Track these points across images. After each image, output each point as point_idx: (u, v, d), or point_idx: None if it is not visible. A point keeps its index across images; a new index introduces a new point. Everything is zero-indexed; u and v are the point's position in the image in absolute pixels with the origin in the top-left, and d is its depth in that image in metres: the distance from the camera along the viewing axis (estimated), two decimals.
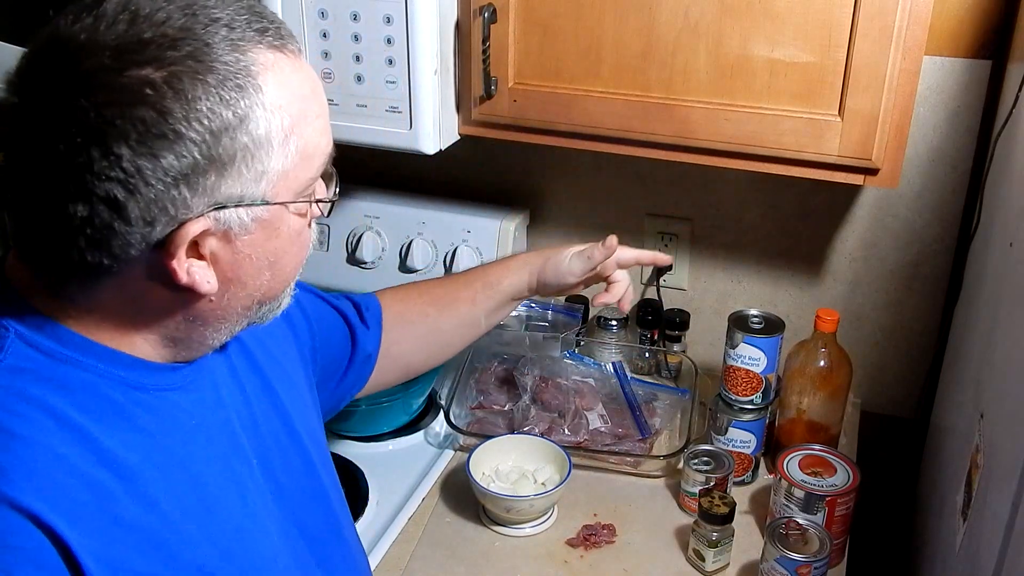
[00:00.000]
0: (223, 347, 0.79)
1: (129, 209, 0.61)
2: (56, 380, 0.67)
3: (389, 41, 1.20)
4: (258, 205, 0.67)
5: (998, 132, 1.23)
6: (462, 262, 1.58)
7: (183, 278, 0.66)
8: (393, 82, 1.22)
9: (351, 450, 1.40)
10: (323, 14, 1.21)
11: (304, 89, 0.68)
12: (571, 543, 1.24)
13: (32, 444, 0.63)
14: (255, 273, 0.70)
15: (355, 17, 1.19)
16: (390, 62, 1.21)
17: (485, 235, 1.58)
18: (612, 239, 1.15)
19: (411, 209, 1.62)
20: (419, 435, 1.46)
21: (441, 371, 1.46)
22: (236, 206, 0.65)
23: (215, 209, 0.64)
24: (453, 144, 1.30)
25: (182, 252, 0.65)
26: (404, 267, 1.62)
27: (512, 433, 1.36)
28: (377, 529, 1.25)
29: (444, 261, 1.60)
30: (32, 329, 0.67)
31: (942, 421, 1.40)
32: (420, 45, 1.19)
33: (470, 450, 1.30)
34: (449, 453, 1.42)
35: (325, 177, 0.74)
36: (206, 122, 0.62)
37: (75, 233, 0.62)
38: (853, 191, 1.45)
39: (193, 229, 0.64)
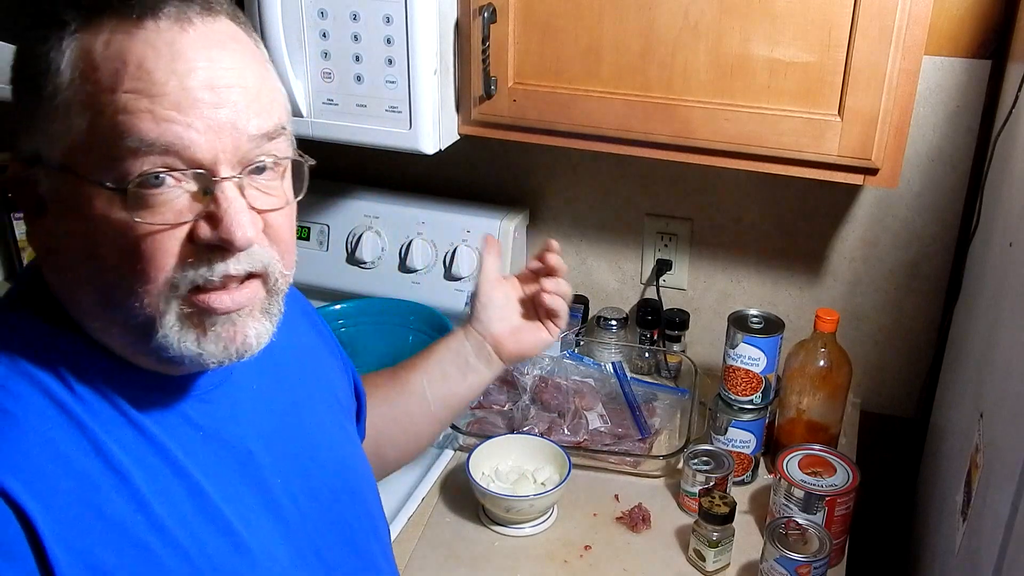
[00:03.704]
0: (250, 362, 0.72)
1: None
2: (62, 367, 0.66)
3: (389, 41, 1.20)
4: (52, 169, 0.64)
5: (998, 132, 1.23)
6: (462, 262, 1.58)
7: (25, 216, 0.67)
8: (393, 82, 1.22)
9: None
10: (323, 14, 1.21)
11: (129, 61, 0.61)
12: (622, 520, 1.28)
13: (20, 423, 0.63)
14: (73, 257, 0.66)
15: (355, 17, 1.19)
16: (390, 62, 1.21)
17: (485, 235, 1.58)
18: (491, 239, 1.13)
19: (411, 209, 1.62)
20: None
21: None
22: (37, 162, 0.65)
23: (27, 158, 0.65)
24: (453, 144, 1.30)
25: (9, 184, 0.66)
26: (404, 267, 1.62)
27: (512, 433, 1.36)
28: None
29: (444, 261, 1.60)
30: (46, 312, 0.68)
31: (942, 421, 1.40)
32: (420, 45, 1.19)
33: (470, 450, 1.30)
34: (449, 453, 1.41)
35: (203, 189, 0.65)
36: (26, 62, 0.64)
37: None
38: (853, 191, 1.45)
39: (13, 167, 0.66)
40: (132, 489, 0.66)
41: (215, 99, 0.63)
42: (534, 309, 1.11)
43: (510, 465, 1.32)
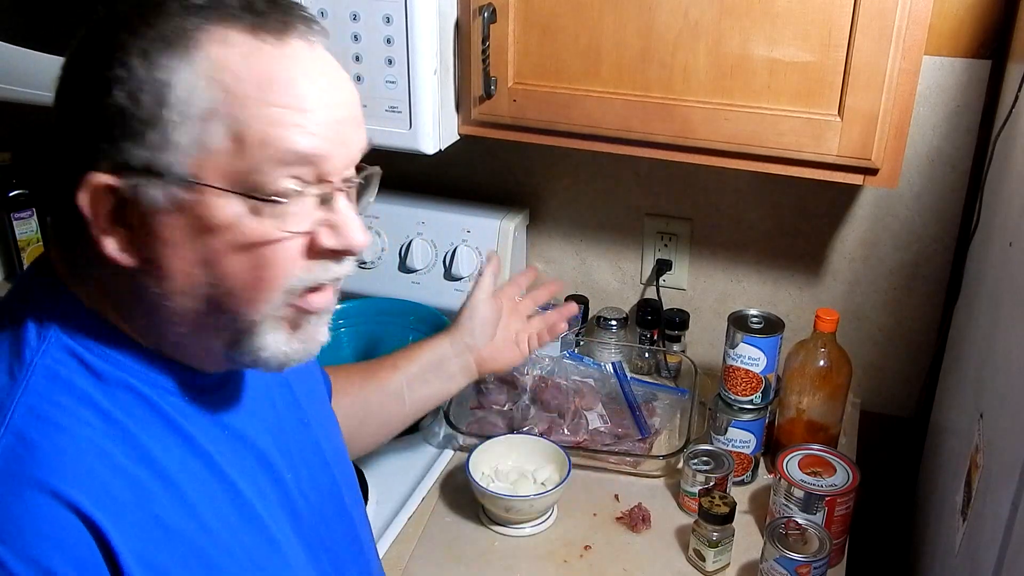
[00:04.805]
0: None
1: (66, 141, 0.65)
2: (97, 376, 0.66)
3: (389, 41, 1.20)
4: (172, 181, 0.62)
5: (998, 132, 1.23)
6: (462, 262, 1.58)
7: (94, 227, 0.64)
8: (393, 82, 1.22)
9: None
10: (323, 14, 1.21)
11: (279, 77, 0.64)
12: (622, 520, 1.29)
13: (75, 435, 0.63)
14: (183, 267, 0.65)
15: (355, 17, 1.19)
16: (390, 62, 1.21)
17: (485, 235, 1.58)
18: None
19: (411, 209, 1.62)
20: (419, 435, 1.46)
21: None
22: (143, 172, 0.62)
23: (123, 169, 0.62)
24: (453, 144, 1.30)
25: (86, 197, 0.63)
26: (404, 267, 1.62)
27: (512, 433, 1.36)
28: (377, 529, 1.25)
29: (444, 261, 1.60)
30: (74, 324, 0.67)
31: (942, 421, 1.40)
32: (420, 45, 1.19)
33: (470, 450, 1.30)
34: (449, 453, 1.41)
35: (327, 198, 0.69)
36: (129, 73, 0.62)
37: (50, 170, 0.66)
38: (853, 191, 1.45)
39: (98, 179, 0.62)
40: (180, 495, 0.67)
41: (346, 117, 0.68)
42: (512, 327, 1.19)
43: (510, 465, 1.32)
